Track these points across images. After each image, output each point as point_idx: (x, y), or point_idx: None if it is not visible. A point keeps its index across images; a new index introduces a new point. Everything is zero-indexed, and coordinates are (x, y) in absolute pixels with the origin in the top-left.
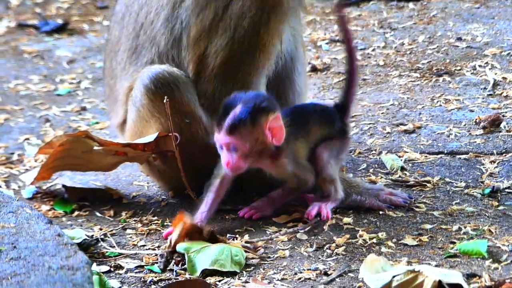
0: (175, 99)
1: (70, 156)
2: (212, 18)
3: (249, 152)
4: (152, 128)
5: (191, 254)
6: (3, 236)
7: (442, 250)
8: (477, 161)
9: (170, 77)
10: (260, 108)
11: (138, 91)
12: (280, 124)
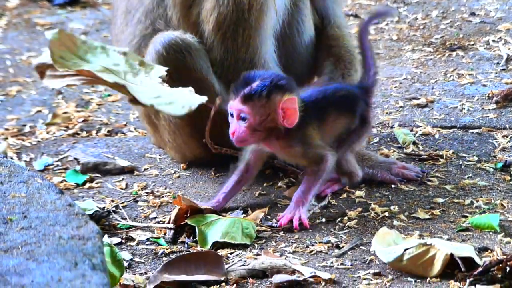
0: (186, 65)
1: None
2: None
3: (257, 125)
4: None
5: (202, 227)
6: (14, 206)
7: (454, 224)
8: (489, 136)
9: (182, 43)
10: (278, 85)
11: (150, 56)
12: (294, 107)
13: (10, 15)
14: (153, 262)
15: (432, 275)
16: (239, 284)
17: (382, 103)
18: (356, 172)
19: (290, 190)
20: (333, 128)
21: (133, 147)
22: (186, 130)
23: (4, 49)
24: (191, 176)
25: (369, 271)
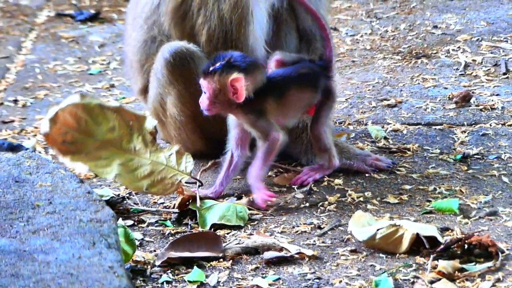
0: (191, 70)
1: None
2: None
3: (213, 98)
4: (170, 94)
5: (202, 211)
6: (40, 193)
7: (419, 208)
8: (450, 131)
9: (187, 51)
10: (229, 65)
11: (158, 63)
12: (240, 85)
13: (39, 29)
14: (161, 241)
15: (401, 251)
16: (235, 260)
17: (357, 104)
18: (334, 154)
19: (278, 178)
20: (295, 102)
21: None
22: (189, 127)
23: (33, 58)
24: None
25: (346, 248)
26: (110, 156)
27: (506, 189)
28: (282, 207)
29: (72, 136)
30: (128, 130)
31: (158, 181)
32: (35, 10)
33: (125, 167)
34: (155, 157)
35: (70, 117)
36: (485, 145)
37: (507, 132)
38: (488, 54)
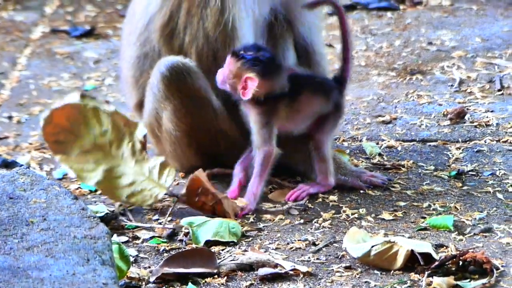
0: (187, 85)
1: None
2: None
3: (226, 78)
4: (166, 109)
5: (194, 228)
6: (35, 210)
7: (414, 224)
8: (444, 148)
9: (183, 66)
10: (255, 60)
11: (155, 77)
12: (252, 86)
13: (34, 45)
14: (155, 257)
15: (396, 268)
16: (229, 276)
17: (352, 120)
18: (331, 170)
19: (273, 193)
20: (306, 107)
21: None
22: (185, 142)
23: (28, 74)
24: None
25: (341, 265)
26: (98, 160)
27: (500, 205)
28: (277, 224)
29: (65, 136)
30: (119, 135)
31: (137, 192)
32: (30, 26)
33: (109, 174)
34: (139, 167)
35: (64, 117)
36: (480, 161)
37: (502, 149)
38: (483, 71)
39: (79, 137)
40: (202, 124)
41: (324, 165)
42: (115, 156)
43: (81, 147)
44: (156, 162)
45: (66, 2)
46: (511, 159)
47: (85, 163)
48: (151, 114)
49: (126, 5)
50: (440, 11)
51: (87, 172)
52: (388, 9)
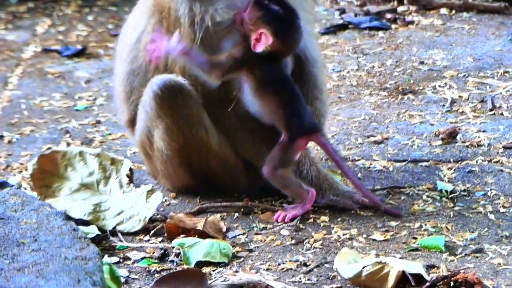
0: (179, 103)
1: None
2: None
3: (243, 22)
4: (158, 127)
5: (185, 249)
6: (25, 231)
7: (405, 245)
8: (436, 168)
9: (175, 84)
10: (274, 17)
11: (147, 95)
12: (265, 41)
13: (25, 64)
14: (146, 278)
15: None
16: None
17: (343, 140)
18: (303, 189)
19: (264, 215)
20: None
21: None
22: (176, 161)
23: (19, 94)
24: (179, 204)
25: (332, 286)
26: (86, 198)
27: (492, 226)
28: (268, 244)
29: (52, 180)
30: (106, 173)
31: (127, 219)
32: (21, 45)
33: (97, 207)
34: (127, 197)
35: (51, 162)
36: (472, 182)
37: (494, 169)
38: (475, 90)
39: (67, 180)
40: (194, 143)
41: (287, 191)
42: (103, 192)
43: (69, 189)
44: (143, 190)
45: (57, 22)
46: (502, 180)
47: (74, 202)
48: (143, 133)
49: (118, 24)
50: (432, 31)
51: (76, 208)
52: (380, 28)
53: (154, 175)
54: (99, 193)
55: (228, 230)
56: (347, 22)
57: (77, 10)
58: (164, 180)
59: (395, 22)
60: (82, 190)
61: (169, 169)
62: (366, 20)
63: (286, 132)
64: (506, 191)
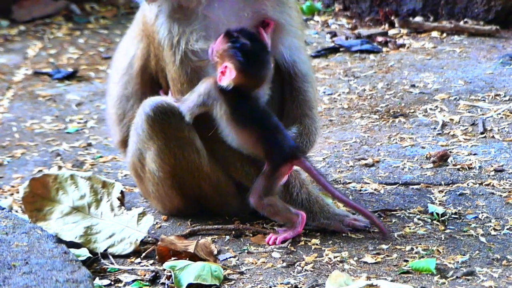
0: (171, 125)
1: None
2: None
3: (213, 55)
4: (150, 149)
5: (176, 271)
6: (17, 254)
7: (396, 267)
8: (427, 191)
9: (168, 106)
10: (239, 51)
11: (139, 117)
12: (229, 76)
13: (16, 87)
14: None
15: None
16: None
17: (334, 163)
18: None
19: (256, 237)
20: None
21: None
22: (167, 182)
23: (10, 117)
24: (170, 226)
25: None
26: (77, 221)
27: (483, 249)
28: (259, 267)
29: (43, 204)
30: (97, 197)
31: (118, 242)
32: (12, 68)
33: (89, 230)
34: (118, 220)
35: (42, 186)
36: (463, 204)
37: (485, 192)
38: (466, 113)
39: (58, 203)
40: (185, 166)
41: (276, 217)
42: (94, 215)
43: (61, 212)
44: (134, 213)
45: (48, 45)
46: (493, 203)
47: (65, 225)
48: (134, 154)
49: (109, 47)
50: (423, 54)
51: (67, 231)
52: (371, 51)
53: (145, 197)
54: (90, 216)
55: (219, 252)
56: (338, 45)
57: (68, 33)
58: (156, 202)
59: (386, 45)
60: (74, 213)
61: (160, 191)
62: (357, 43)
63: (267, 163)
64: (497, 214)
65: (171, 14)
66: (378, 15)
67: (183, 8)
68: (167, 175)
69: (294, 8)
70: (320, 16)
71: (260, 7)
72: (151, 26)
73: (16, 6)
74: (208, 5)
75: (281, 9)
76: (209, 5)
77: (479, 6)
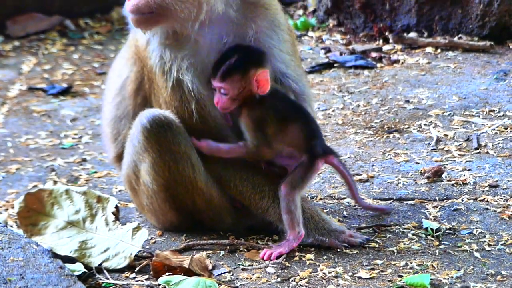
0: (167, 138)
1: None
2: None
3: (236, 96)
4: (144, 161)
5: (171, 286)
6: (12, 269)
7: (391, 283)
8: (422, 206)
9: (165, 119)
10: (251, 60)
11: (135, 129)
12: (266, 78)
13: (11, 103)
14: None
15: None
16: None
17: (329, 178)
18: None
19: (250, 252)
20: (288, 136)
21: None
22: (161, 195)
23: (5, 132)
24: (165, 241)
25: None
26: (72, 236)
27: (477, 264)
28: (254, 282)
29: (38, 218)
30: (92, 211)
31: (113, 256)
32: (7, 84)
33: (84, 244)
34: (112, 234)
35: (37, 201)
36: (457, 220)
37: (479, 207)
38: (460, 129)
39: (53, 218)
40: (180, 180)
41: (288, 216)
42: (89, 230)
43: (56, 227)
44: (129, 227)
45: (43, 60)
46: (488, 218)
47: (60, 239)
48: (129, 166)
49: (103, 63)
50: (417, 69)
51: (62, 245)
52: (365, 67)
53: (140, 210)
54: (85, 231)
55: (214, 267)
56: (332, 60)
57: (63, 49)
58: (150, 215)
59: (381, 61)
60: (68, 227)
61: (154, 204)
62: (351, 58)
63: (306, 154)
64: (492, 229)
65: (163, 40)
66: (373, 30)
67: (176, 34)
68: (160, 188)
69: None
70: (315, 32)
71: (246, 31)
72: (143, 51)
73: (11, 22)
74: (199, 30)
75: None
76: (200, 29)
77: (473, 22)
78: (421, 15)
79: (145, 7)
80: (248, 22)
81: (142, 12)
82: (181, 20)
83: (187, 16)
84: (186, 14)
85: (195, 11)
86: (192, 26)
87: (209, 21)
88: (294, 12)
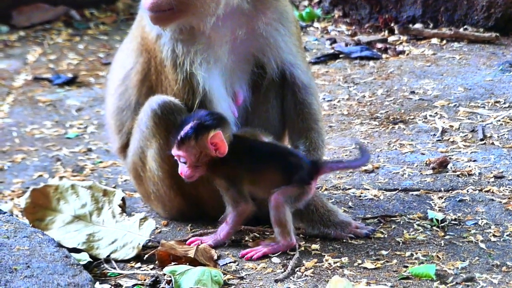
0: (175, 125)
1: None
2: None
3: (195, 163)
4: (152, 147)
5: (177, 276)
6: (18, 257)
7: (396, 273)
8: (427, 197)
9: (175, 107)
10: (203, 125)
11: (144, 114)
12: (221, 139)
13: (16, 93)
14: None
15: None
16: None
17: None
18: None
19: (255, 242)
20: (266, 181)
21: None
22: (166, 182)
23: (11, 122)
24: (170, 231)
25: None
26: (80, 229)
27: (483, 255)
28: (259, 272)
29: (44, 214)
30: (98, 205)
31: (121, 247)
32: (12, 73)
33: (92, 237)
34: (120, 226)
35: (43, 196)
36: (462, 211)
37: (484, 198)
38: (466, 120)
39: (59, 212)
40: None
41: (279, 229)
42: (96, 223)
43: (62, 221)
44: (136, 218)
45: (48, 50)
46: (493, 209)
47: (67, 233)
48: (136, 153)
49: (109, 53)
50: (422, 60)
51: (69, 239)
52: (371, 58)
53: (145, 200)
54: (92, 224)
55: (219, 257)
56: (337, 51)
57: (68, 39)
58: (156, 203)
59: (386, 51)
60: (75, 221)
61: (160, 190)
62: (357, 49)
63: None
64: (497, 220)
65: (176, 35)
66: (378, 21)
67: (191, 29)
68: (166, 175)
69: (293, 21)
70: (320, 23)
71: (256, 24)
72: (153, 44)
73: (16, 12)
74: (213, 24)
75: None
76: (214, 24)
77: (479, 13)
78: (426, 6)
79: (165, 4)
80: (258, 14)
81: (162, 9)
82: (200, 15)
83: (206, 11)
84: (206, 9)
85: (214, 6)
86: (209, 21)
87: (223, 14)
88: (300, 3)
